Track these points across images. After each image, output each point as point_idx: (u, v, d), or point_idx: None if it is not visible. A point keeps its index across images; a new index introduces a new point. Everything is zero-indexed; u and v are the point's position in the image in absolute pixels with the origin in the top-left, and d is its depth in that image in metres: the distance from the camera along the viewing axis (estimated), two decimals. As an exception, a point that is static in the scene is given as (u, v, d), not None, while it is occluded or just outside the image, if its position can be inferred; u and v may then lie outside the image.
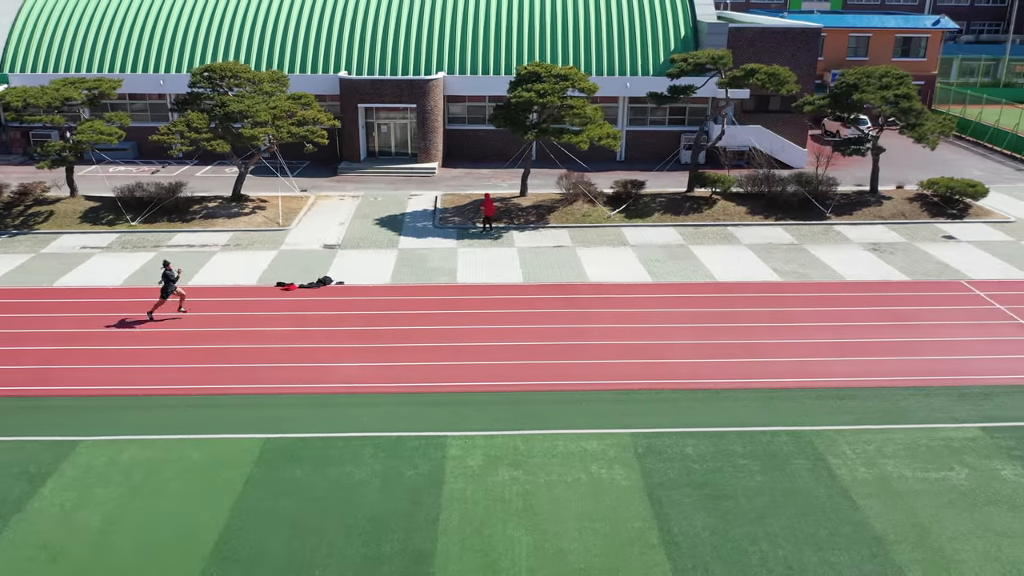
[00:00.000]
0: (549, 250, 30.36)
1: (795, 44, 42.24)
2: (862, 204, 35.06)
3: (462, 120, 44.25)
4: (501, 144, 42.92)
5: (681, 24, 44.10)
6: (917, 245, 31.16)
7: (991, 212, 35.11)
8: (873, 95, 33.28)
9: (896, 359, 21.83)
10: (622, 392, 20.14)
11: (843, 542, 14.80)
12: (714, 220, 33.38)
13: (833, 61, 55.08)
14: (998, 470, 16.95)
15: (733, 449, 17.71)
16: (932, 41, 54.93)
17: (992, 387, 20.38)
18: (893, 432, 18.37)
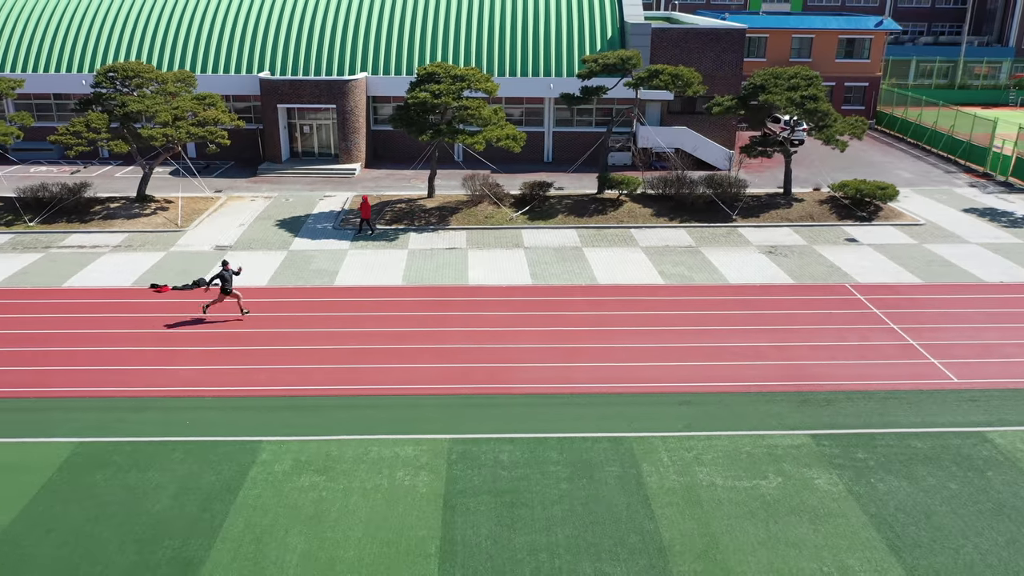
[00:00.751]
0: (441, 252, 30.03)
1: (720, 45, 41.91)
2: (772, 207, 34.71)
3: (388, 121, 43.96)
4: (426, 146, 42.67)
5: (608, 25, 43.79)
6: (816, 248, 30.80)
7: (903, 215, 34.78)
8: (779, 96, 32.97)
9: (748, 364, 21.45)
10: (456, 396, 19.77)
11: (625, 553, 14.46)
12: (617, 222, 33.05)
13: (776, 62, 54.61)
14: (812, 479, 16.59)
15: (549, 456, 17.35)
16: (876, 42, 54.49)
17: (836, 393, 20.00)
18: (719, 439, 18.02)
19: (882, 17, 54.28)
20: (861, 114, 56.19)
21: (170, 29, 43.86)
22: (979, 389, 20.25)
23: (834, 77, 54.93)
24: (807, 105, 32.99)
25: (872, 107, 55.95)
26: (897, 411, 19.15)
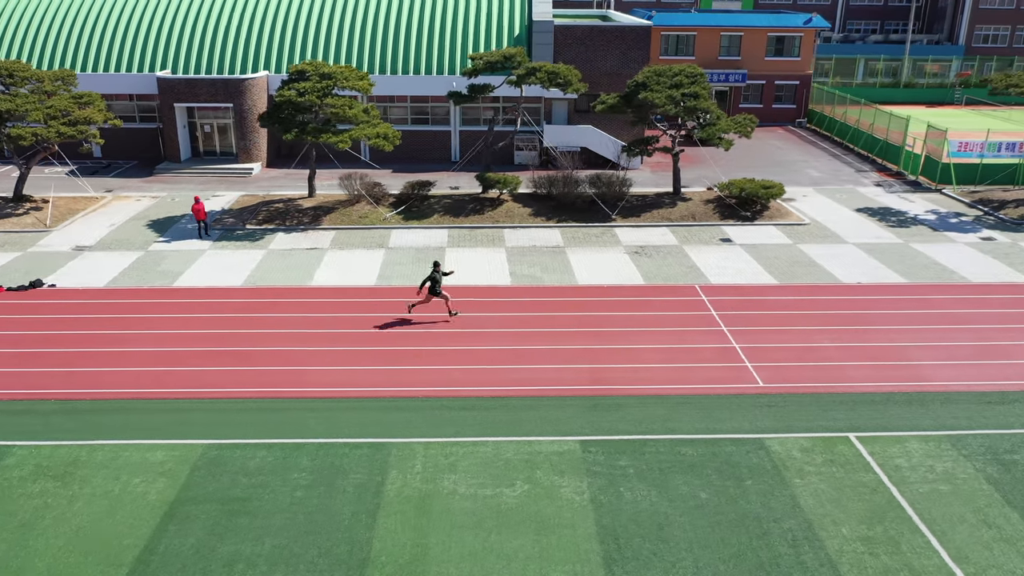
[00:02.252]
0: (299, 252, 29.49)
1: (626, 43, 41.27)
2: (656, 206, 34.11)
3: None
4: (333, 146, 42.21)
5: (517, 23, 43.22)
6: (685, 248, 30.19)
7: (790, 214, 34.12)
8: (659, 94, 32.35)
9: (549, 367, 20.82)
10: (228, 401, 19.17)
11: (326, 564, 13.89)
12: (493, 222, 32.49)
13: (705, 61, 53.99)
14: (559, 488, 15.98)
15: (299, 462, 16.80)
16: (805, 40, 53.67)
17: (629, 398, 19.38)
18: (484, 445, 17.43)
19: (811, 14, 53.50)
20: (793, 113, 55.54)
21: (74, 29, 43.32)
22: (780, 394, 19.60)
23: (765, 75, 54.23)
24: (687, 103, 32.38)
25: (803, 105, 55.23)
26: (683, 416, 18.57)
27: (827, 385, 20.01)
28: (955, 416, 18.62)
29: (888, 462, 16.93)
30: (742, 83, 53.91)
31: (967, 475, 16.48)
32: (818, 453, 17.25)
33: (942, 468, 16.73)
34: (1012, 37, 70.03)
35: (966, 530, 14.85)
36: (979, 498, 15.76)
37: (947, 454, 17.22)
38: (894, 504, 15.60)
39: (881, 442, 17.64)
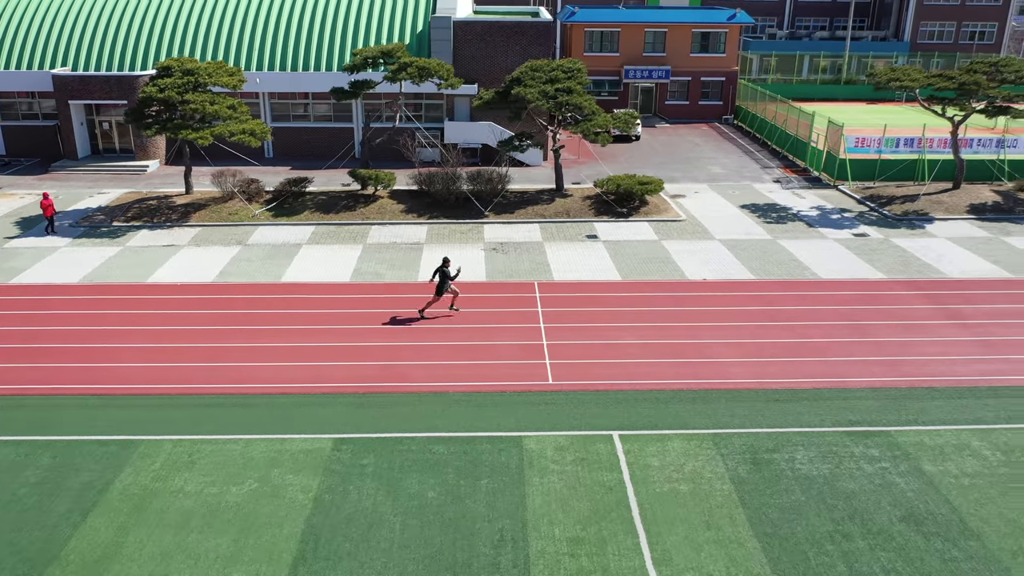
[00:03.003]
0: (154, 249, 29.19)
1: (527, 38, 40.89)
2: (534, 203, 33.76)
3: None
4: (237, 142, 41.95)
5: (420, 19, 42.95)
6: (546, 244, 29.75)
7: (669, 210, 33.68)
8: (533, 90, 32.00)
9: (347, 364, 20.43)
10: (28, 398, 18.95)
11: (12, 561, 13.59)
12: (362, 219, 32.16)
13: (630, 57, 53.58)
14: (287, 486, 15.56)
15: (39, 460, 16.41)
16: (731, 36, 53.12)
17: (406, 395, 18.98)
18: (233, 443, 17.08)
19: (736, 10, 52.95)
20: (719, 109, 55.04)
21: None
22: (563, 391, 19.25)
23: (690, 72, 53.76)
24: (560, 98, 32.01)
25: (730, 102, 54.77)
26: (452, 414, 18.22)
27: (615, 383, 19.65)
28: (732, 414, 18.28)
29: (640, 461, 16.59)
30: (666, 79, 53.54)
31: (714, 475, 16.14)
32: (572, 451, 16.92)
33: (691, 467, 16.38)
34: (957, 33, 69.38)
35: (683, 531, 14.50)
36: (714, 498, 15.42)
37: (705, 453, 16.88)
38: (623, 504, 15.26)
39: (643, 441, 17.31)
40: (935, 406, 18.76)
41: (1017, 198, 35.59)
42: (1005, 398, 19.08)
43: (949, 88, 32.59)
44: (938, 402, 18.96)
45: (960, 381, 19.87)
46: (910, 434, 17.64)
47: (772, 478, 16.07)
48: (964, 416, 18.30)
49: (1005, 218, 33.41)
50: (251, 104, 42.21)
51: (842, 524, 14.69)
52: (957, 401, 18.95)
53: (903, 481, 15.97)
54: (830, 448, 17.07)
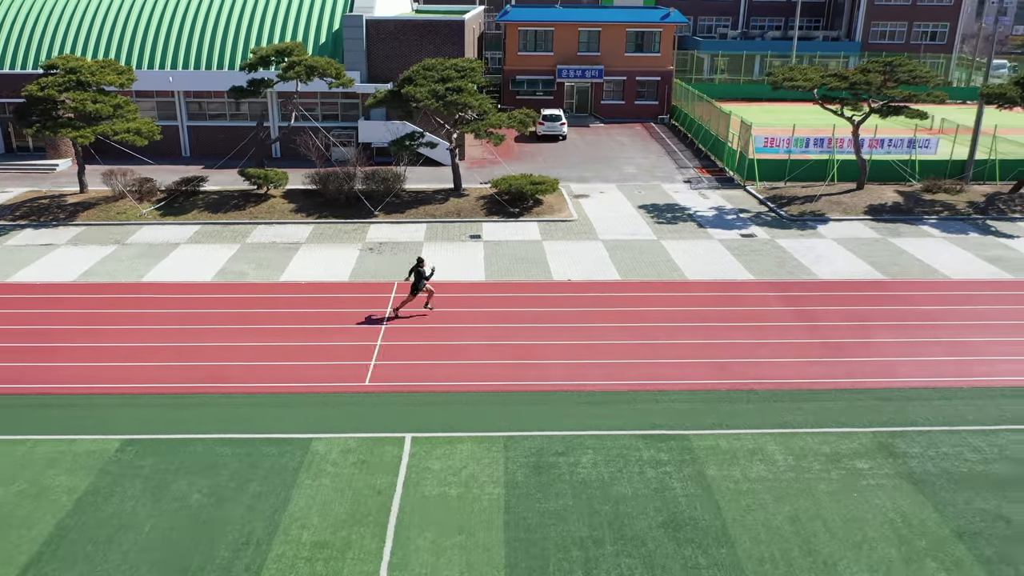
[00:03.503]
0: (31, 248, 28.95)
1: (439, 37, 40.75)
2: (428, 202, 33.56)
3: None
4: (164, 141, 41.90)
5: (337, 18, 42.80)
6: (427, 244, 29.45)
7: (563, 210, 33.45)
8: (423, 88, 31.80)
9: (169, 365, 20.20)
10: None
11: None
12: (250, 218, 31.92)
13: (565, 57, 53.33)
14: (53, 487, 15.34)
15: None
16: (665, 35, 52.93)
17: (219, 396, 18.79)
18: (21, 444, 17.07)
19: (669, 9, 52.75)
20: (655, 109, 54.84)
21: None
22: (376, 392, 19.01)
23: (626, 71, 53.58)
24: (448, 97, 31.83)
25: (666, 102, 54.51)
26: (254, 416, 17.95)
27: (429, 384, 19.40)
28: (533, 416, 18.01)
29: (421, 464, 16.40)
30: (600, 79, 53.32)
31: (489, 479, 15.91)
32: (357, 454, 16.73)
33: (469, 471, 16.16)
34: (909, 33, 69.08)
35: (432, 536, 14.31)
36: (480, 502, 15.22)
37: (490, 456, 16.66)
38: (384, 509, 15.05)
39: (433, 443, 17.11)
40: (746, 409, 18.55)
41: (920, 199, 35.38)
42: (822, 401, 18.82)
43: (841, 88, 32.38)
44: (752, 405, 18.75)
45: (782, 384, 19.62)
46: (708, 438, 17.45)
47: (547, 482, 15.89)
48: (770, 420, 18.04)
49: (901, 219, 33.20)
50: (166, 103, 42.24)
51: (598, 530, 14.51)
52: (772, 404, 18.70)
53: (680, 486, 15.77)
54: (621, 452, 16.88)
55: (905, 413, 18.42)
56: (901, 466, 16.35)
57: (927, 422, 18.03)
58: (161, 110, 42.45)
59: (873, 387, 19.58)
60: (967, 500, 15.33)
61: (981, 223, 32.97)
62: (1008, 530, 14.50)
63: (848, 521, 14.79)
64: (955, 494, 15.45)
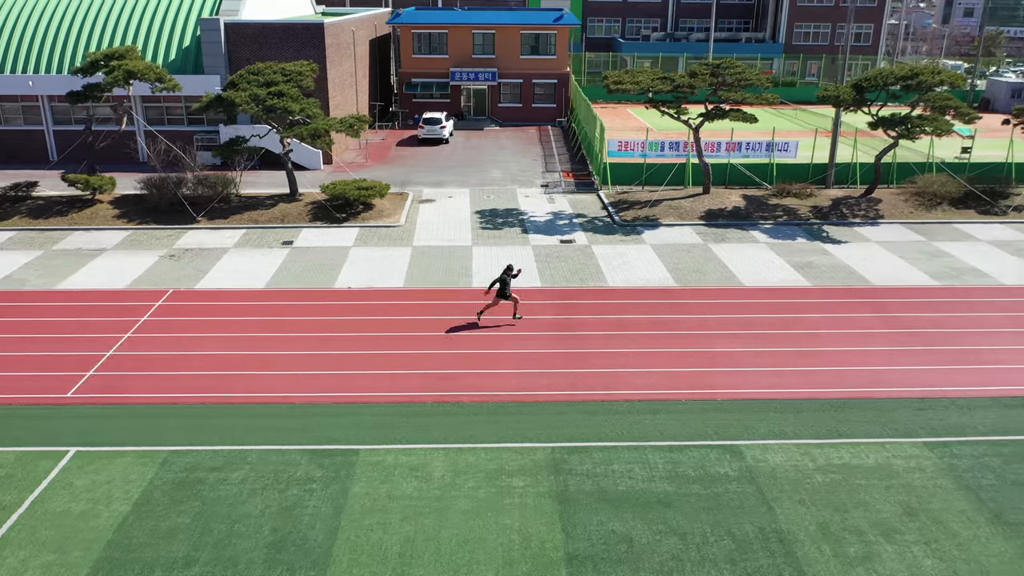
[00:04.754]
0: None
1: (299, 40, 40.33)
2: (256, 207, 33.12)
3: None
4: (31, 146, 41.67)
5: (204, 20, 42.51)
6: (234, 251, 28.99)
7: (393, 215, 32.96)
8: (242, 93, 31.34)
9: None
10: None
11: None
12: (69, 224, 31.47)
13: (460, 59, 52.91)
14: None
15: None
16: (560, 37, 52.43)
17: None
18: None
19: (562, 11, 52.25)
20: (553, 112, 54.30)
21: None
22: (79, 405, 18.51)
23: (522, 74, 53.07)
24: (268, 102, 31.41)
25: (564, 104, 53.96)
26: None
27: (131, 396, 18.91)
28: (196, 430, 17.53)
29: (67, 479, 15.78)
30: (493, 81, 52.83)
31: (123, 495, 15.34)
32: (5, 468, 16.35)
33: (107, 488, 15.54)
34: (833, 35, 68.42)
35: (24, 555, 13.78)
36: (100, 520, 14.69)
37: (140, 472, 16.05)
38: (-8, 526, 14.78)
39: (94, 457, 16.53)
40: (440, 422, 18.05)
41: (766, 203, 34.83)
42: (510, 415, 18.25)
43: (664, 91, 31.85)
44: (450, 418, 18.26)
45: (491, 397, 19.03)
46: (378, 453, 16.87)
47: (180, 500, 15.37)
48: (457, 434, 17.48)
49: (734, 224, 32.67)
50: (31, 107, 41.95)
51: (198, 550, 13.92)
52: (472, 418, 18.17)
53: (315, 504, 15.11)
54: (277, 468, 16.34)
55: (588, 427, 17.90)
56: (558, 484, 15.84)
57: (611, 437, 17.53)
58: (26, 114, 42.31)
59: (574, 399, 19.09)
60: (602, 521, 14.85)
61: (816, 228, 32.46)
62: (624, 553, 14.00)
63: (464, 543, 14.33)
64: (595, 514, 14.96)
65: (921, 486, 15.95)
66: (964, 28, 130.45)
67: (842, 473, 16.34)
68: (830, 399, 19.17)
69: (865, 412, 18.61)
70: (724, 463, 16.67)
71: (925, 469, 16.49)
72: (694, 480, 16.11)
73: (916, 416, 18.49)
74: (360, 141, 46.52)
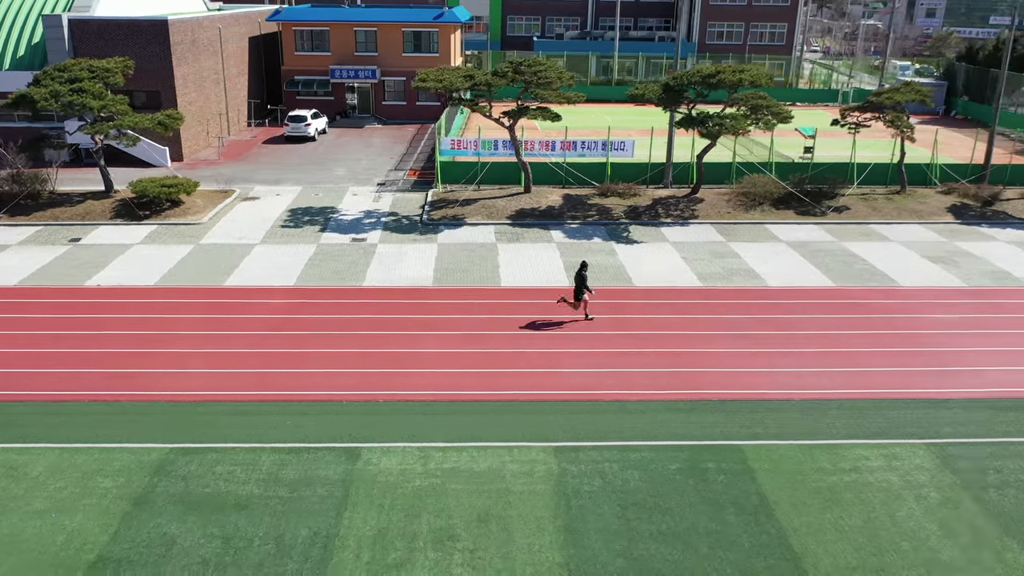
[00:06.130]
0: None
1: (144, 37, 40.13)
2: (64, 204, 32.87)
3: None
4: None
5: (54, 17, 42.41)
6: (14, 248, 28.77)
7: (200, 212, 32.68)
8: (43, 91, 31.07)
9: None
10: None
11: None
12: None
13: (342, 57, 52.56)
14: None
15: None
16: (442, 35, 52.10)
17: None
18: None
19: (443, 9, 51.85)
20: (437, 111, 53.89)
21: None
22: None
23: (405, 72, 52.67)
24: (65, 98, 31.18)
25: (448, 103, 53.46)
26: None
27: None
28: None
29: None
30: (375, 79, 52.51)
31: None
32: None
33: None
34: (746, 34, 67.79)
35: None
36: None
37: None
38: None
39: None
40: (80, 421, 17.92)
41: (585, 202, 34.43)
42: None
43: (464, 88, 31.51)
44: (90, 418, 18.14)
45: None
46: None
47: None
48: (83, 434, 17.30)
49: (539, 224, 32.25)
50: None
51: None
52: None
53: None
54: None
55: (213, 428, 17.57)
56: (147, 486, 15.53)
57: (230, 439, 17.24)
58: None
59: (200, 400, 18.78)
60: (160, 524, 14.49)
61: (622, 228, 31.97)
62: (159, 556, 13.63)
63: (10, 542, 14.14)
64: (159, 517, 14.64)
65: (519, 491, 15.73)
66: (926, 28, 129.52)
67: (444, 478, 16.16)
68: (469, 401, 18.88)
69: (507, 416, 18.27)
70: (333, 466, 16.44)
71: (534, 474, 16.24)
72: (288, 483, 15.85)
73: (546, 420, 18.14)
74: (221, 138, 46.37)
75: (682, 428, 17.91)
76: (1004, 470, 16.56)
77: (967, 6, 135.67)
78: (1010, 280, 27.22)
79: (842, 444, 17.39)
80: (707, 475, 16.25)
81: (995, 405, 19.08)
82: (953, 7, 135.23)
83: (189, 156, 43.09)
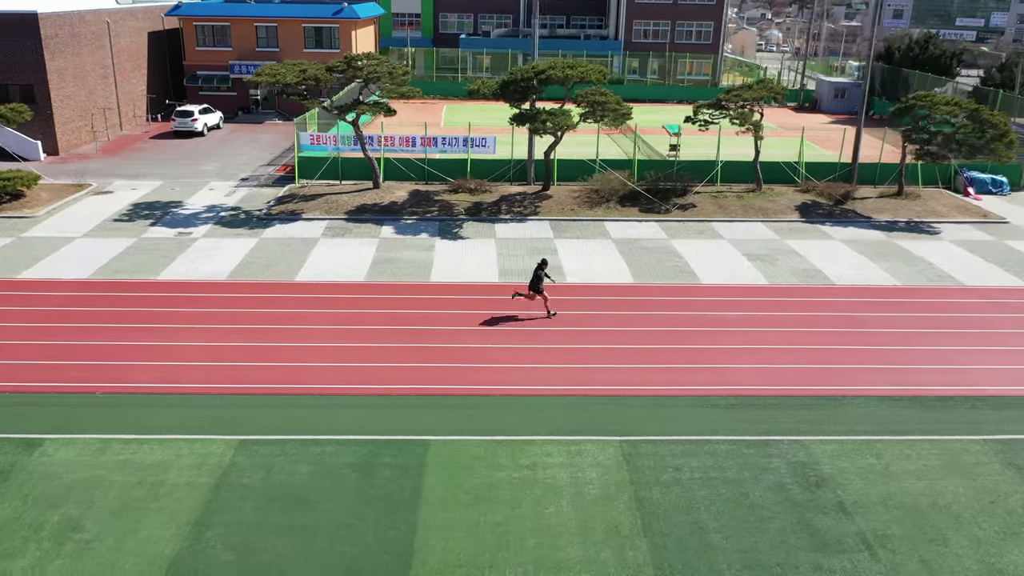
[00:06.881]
0: None
1: (15, 30, 40.12)
2: (-96, 197, 33.21)
3: None
4: None
5: (-66, 9, 42.38)
6: None
7: (36, 207, 32.48)
8: None
9: None
10: None
11: None
12: None
13: (243, 52, 52.49)
14: None
15: None
16: (343, 31, 51.97)
17: None
18: None
19: (343, 4, 51.74)
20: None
21: None
22: None
23: (307, 68, 52.72)
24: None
25: (352, 99, 53.39)
26: None
27: None
28: None
29: None
30: (275, 75, 52.44)
31: None
32: None
33: None
34: (673, 32, 67.49)
35: None
36: None
37: None
38: None
39: None
40: None
41: (433, 198, 34.28)
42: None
43: (293, 83, 31.45)
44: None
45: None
46: None
47: None
48: None
49: (374, 219, 32.12)
50: None
51: None
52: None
53: None
54: None
55: None
56: None
57: None
58: None
59: None
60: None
61: (456, 225, 31.74)
62: None
63: None
64: None
65: (176, 484, 15.50)
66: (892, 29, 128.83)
67: (110, 469, 15.99)
68: (185, 394, 18.67)
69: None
70: (3, 457, 16.26)
71: (202, 467, 16.00)
72: None
73: (243, 414, 17.93)
74: (108, 133, 46.29)
75: (377, 423, 17.71)
76: (683, 468, 16.49)
77: (928, 8, 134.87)
78: (818, 278, 27.03)
79: (533, 440, 17.30)
80: (376, 470, 16.15)
81: (709, 403, 18.78)
82: (920, 9, 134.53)
83: (66, 150, 43.05)
